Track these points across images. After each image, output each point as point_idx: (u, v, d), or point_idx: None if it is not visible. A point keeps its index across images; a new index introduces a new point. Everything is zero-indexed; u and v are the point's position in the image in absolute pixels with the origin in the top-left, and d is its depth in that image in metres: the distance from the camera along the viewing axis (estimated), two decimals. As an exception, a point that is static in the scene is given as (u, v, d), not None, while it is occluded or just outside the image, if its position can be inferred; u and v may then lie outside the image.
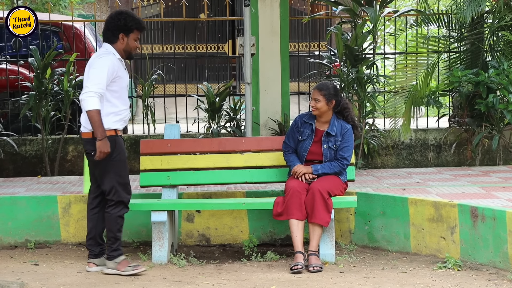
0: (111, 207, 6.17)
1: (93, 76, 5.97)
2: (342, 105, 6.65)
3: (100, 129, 5.92)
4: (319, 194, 6.28)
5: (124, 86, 6.16)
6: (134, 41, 6.21)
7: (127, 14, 6.20)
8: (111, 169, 6.09)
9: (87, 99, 5.90)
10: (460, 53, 9.43)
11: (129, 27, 6.14)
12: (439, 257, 6.46)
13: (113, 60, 6.05)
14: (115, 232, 6.19)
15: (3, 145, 9.11)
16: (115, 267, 6.16)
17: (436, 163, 9.53)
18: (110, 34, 6.17)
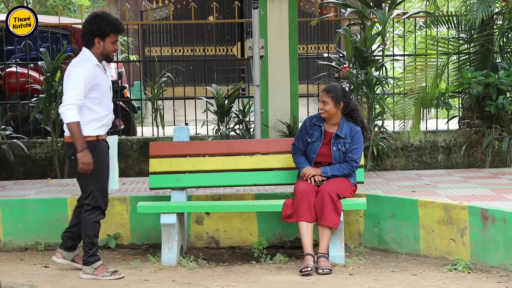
0: (88, 212, 6.15)
1: (70, 87, 5.97)
2: (351, 107, 6.64)
3: (80, 141, 5.94)
4: (328, 196, 6.27)
5: (104, 91, 6.13)
6: (111, 44, 6.14)
7: (101, 18, 6.11)
8: (90, 174, 6.07)
9: (65, 112, 5.92)
10: (469, 54, 9.41)
11: (103, 31, 6.08)
12: (449, 259, 6.44)
13: (89, 68, 6.01)
14: (92, 237, 6.16)
15: (13, 148, 9.14)
16: (92, 273, 6.15)
17: (446, 165, 9.51)
18: (86, 39, 6.15)
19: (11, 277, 6.19)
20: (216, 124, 9.20)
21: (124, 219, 7.27)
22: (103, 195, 6.17)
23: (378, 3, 8.56)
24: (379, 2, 8.55)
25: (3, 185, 8.33)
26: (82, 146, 5.94)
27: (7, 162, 9.07)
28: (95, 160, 6.05)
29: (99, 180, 6.11)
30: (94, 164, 6.03)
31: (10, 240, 7.23)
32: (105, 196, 6.20)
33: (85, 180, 6.10)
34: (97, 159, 6.06)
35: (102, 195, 6.16)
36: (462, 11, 9.15)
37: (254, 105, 8.21)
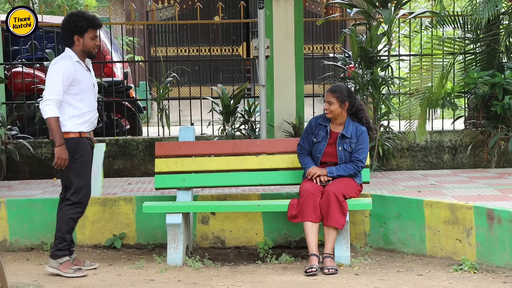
0: (67, 207, 6.20)
1: (49, 83, 6.06)
2: (357, 107, 6.63)
3: (58, 135, 6.02)
4: (334, 197, 6.27)
5: (85, 88, 6.17)
6: (91, 40, 6.20)
7: (77, 16, 6.21)
8: (72, 170, 6.14)
9: (44, 107, 6.01)
10: (475, 54, 9.39)
11: (80, 27, 6.15)
12: (455, 259, 6.43)
13: (67, 65, 6.09)
14: (64, 233, 6.20)
15: (19, 148, 9.16)
16: (57, 267, 6.19)
17: (451, 165, 9.50)
18: (66, 39, 6.23)
19: (17, 276, 6.20)
20: (221, 124, 9.20)
21: (129, 219, 7.27)
22: (85, 192, 6.22)
23: (384, 3, 8.55)
24: (385, 2, 8.54)
25: (9, 185, 8.35)
26: (60, 141, 6.03)
27: (13, 162, 9.09)
28: (78, 157, 6.12)
29: (81, 176, 6.17)
30: (76, 160, 6.11)
31: (16, 240, 7.24)
32: (87, 193, 6.25)
33: (67, 176, 6.17)
34: (79, 155, 6.14)
35: (84, 192, 6.21)
36: (468, 11, 9.14)
37: (260, 105, 8.22)
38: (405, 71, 13.38)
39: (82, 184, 6.18)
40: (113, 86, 9.96)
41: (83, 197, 6.22)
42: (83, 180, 6.20)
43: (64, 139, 6.07)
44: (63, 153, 6.03)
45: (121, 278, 6.17)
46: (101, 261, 6.75)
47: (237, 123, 9.20)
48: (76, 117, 6.12)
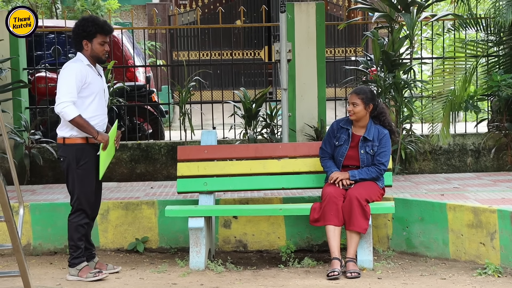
0: (72, 215, 6.23)
1: (62, 86, 6.04)
2: (379, 110, 6.61)
3: (90, 129, 6.04)
4: (357, 201, 6.25)
5: (95, 91, 6.16)
6: (99, 45, 6.19)
7: (86, 20, 6.21)
8: (75, 177, 6.14)
9: (64, 109, 5.99)
10: (499, 57, 9.33)
11: (88, 32, 6.15)
12: (479, 263, 6.39)
13: (79, 67, 6.10)
14: (76, 240, 6.21)
15: (43, 152, 9.21)
16: (77, 274, 6.20)
17: (475, 168, 9.43)
18: (75, 43, 6.24)
19: (41, 280, 6.24)
20: (243, 128, 9.21)
21: (152, 223, 7.30)
22: (88, 199, 6.21)
23: (406, 7, 8.51)
24: (407, 5, 8.51)
25: (33, 189, 8.41)
26: (95, 132, 6.04)
27: (36, 166, 9.14)
28: (82, 164, 6.11)
29: (84, 183, 6.16)
30: (80, 167, 6.11)
31: (39, 244, 7.29)
32: (90, 200, 6.23)
33: (71, 183, 6.18)
34: (84, 162, 6.13)
35: (87, 199, 6.20)
36: (491, 13, 9.08)
37: (282, 109, 8.21)
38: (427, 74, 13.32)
39: (83, 191, 6.17)
40: (135, 90, 9.99)
41: (86, 204, 6.20)
42: (85, 187, 6.17)
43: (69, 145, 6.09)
44: (104, 137, 6.07)
45: (144, 282, 6.19)
46: (123, 265, 6.78)
47: (259, 127, 9.20)
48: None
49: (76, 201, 6.19)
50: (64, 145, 6.15)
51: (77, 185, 6.16)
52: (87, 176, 6.17)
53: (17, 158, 8.84)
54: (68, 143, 6.13)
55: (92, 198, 6.26)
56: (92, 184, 6.23)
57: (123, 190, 8.18)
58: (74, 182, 6.17)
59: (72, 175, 6.15)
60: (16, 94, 9.18)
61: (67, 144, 6.13)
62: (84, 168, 6.14)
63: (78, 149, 6.11)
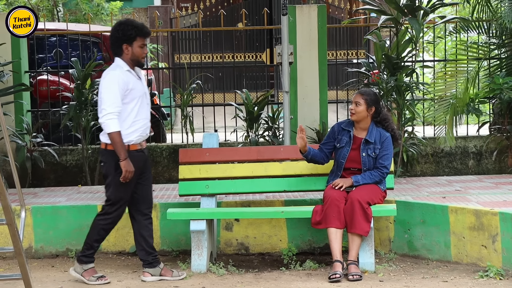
0: (100, 216, 6.24)
1: (105, 96, 6.00)
2: (382, 116, 6.60)
3: (122, 150, 6.00)
4: (358, 204, 6.24)
5: (137, 96, 6.13)
6: (139, 48, 6.16)
7: (125, 24, 6.18)
8: (113, 183, 6.13)
9: (107, 122, 5.98)
10: (501, 60, 9.33)
11: (129, 35, 6.12)
12: (481, 265, 6.38)
13: (119, 74, 6.06)
14: (93, 241, 6.24)
15: (45, 155, 9.22)
16: (81, 273, 6.21)
17: (476, 171, 9.43)
18: (114, 48, 6.20)
19: (43, 283, 6.24)
20: (245, 130, 9.21)
21: (154, 226, 7.24)
22: (121, 206, 6.21)
23: (412, 11, 8.49)
24: (413, 10, 8.49)
25: (35, 192, 8.41)
26: (125, 155, 6.00)
27: (38, 169, 9.15)
28: (121, 171, 6.06)
29: (121, 190, 6.14)
30: (118, 175, 6.08)
31: (41, 247, 7.29)
32: (123, 207, 6.23)
33: (108, 187, 6.17)
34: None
35: (120, 206, 6.20)
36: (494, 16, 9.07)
37: (283, 112, 8.22)
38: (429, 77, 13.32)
39: (120, 197, 6.17)
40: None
41: (118, 211, 6.21)
42: (122, 194, 6.17)
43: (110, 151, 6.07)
44: (129, 166, 6.01)
45: (145, 285, 6.19)
46: (125, 268, 6.78)
47: (260, 129, 9.20)
48: (126, 127, 6.07)
49: (110, 205, 6.19)
50: (106, 150, 6.13)
51: (113, 190, 6.15)
52: (124, 184, 6.13)
53: (19, 161, 8.85)
54: (110, 149, 6.10)
55: (124, 206, 6.23)
56: (128, 192, 6.20)
57: (125, 192, 8.17)
58: (110, 187, 6.16)
59: (110, 180, 6.14)
60: (18, 97, 9.19)
61: (108, 150, 6.11)
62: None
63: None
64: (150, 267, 6.31)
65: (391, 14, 8.64)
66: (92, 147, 9.40)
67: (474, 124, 10.20)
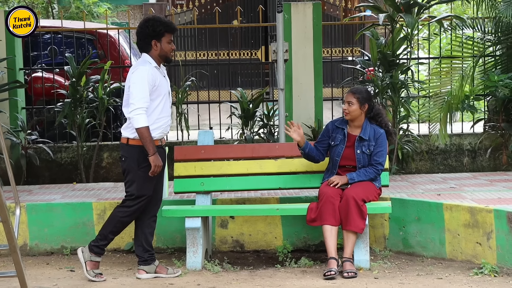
0: (120, 208, 6.23)
1: (135, 91, 6.00)
2: (375, 111, 6.62)
3: (151, 145, 6.01)
4: (353, 201, 6.25)
5: (163, 93, 6.15)
6: (167, 44, 6.19)
7: (154, 20, 6.20)
8: (135, 178, 6.13)
9: (136, 117, 5.97)
10: (496, 57, 9.34)
11: (158, 31, 6.14)
12: (475, 263, 6.39)
13: (149, 70, 6.06)
14: (108, 232, 6.24)
15: (39, 153, 9.20)
16: (86, 260, 6.21)
17: (471, 168, 9.44)
18: (143, 44, 6.20)
19: (38, 281, 6.24)
20: (240, 128, 9.21)
21: (149, 223, 7.28)
22: (143, 202, 6.18)
23: (407, 8, 8.50)
24: (408, 7, 8.50)
25: (29, 189, 8.40)
26: (154, 150, 6.01)
27: (33, 166, 9.14)
28: (144, 165, 6.07)
29: (144, 185, 6.14)
30: (142, 169, 6.08)
31: (36, 244, 7.28)
32: (140, 202, 6.18)
33: (130, 183, 6.16)
34: (145, 165, 6.08)
35: (142, 201, 6.18)
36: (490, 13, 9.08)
37: (279, 109, 8.21)
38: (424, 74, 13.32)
39: (143, 193, 6.15)
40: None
41: (138, 205, 6.18)
42: (145, 190, 6.15)
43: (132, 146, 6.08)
44: (158, 160, 6.02)
45: (140, 282, 6.18)
46: (120, 265, 6.78)
47: (256, 127, 9.20)
48: (150, 123, 6.04)
49: (131, 200, 6.17)
50: (128, 145, 6.13)
51: (136, 185, 6.14)
52: (147, 179, 6.13)
53: (14, 159, 8.83)
54: (131, 144, 6.11)
55: (146, 201, 6.21)
56: (150, 188, 6.19)
57: (120, 190, 8.15)
58: (133, 183, 6.14)
59: (132, 175, 6.13)
60: (13, 94, 9.17)
61: (130, 145, 6.12)
62: (145, 170, 6.09)
63: (141, 151, 6.07)
64: (145, 265, 6.30)
65: (387, 11, 8.64)
66: (87, 145, 9.39)
67: (469, 121, 10.20)
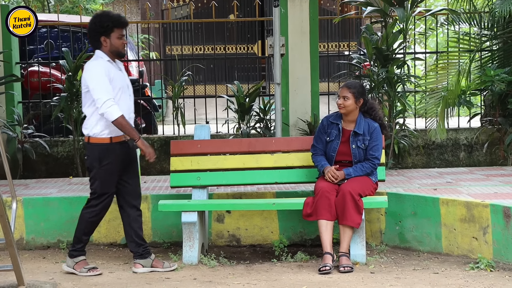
0: (87, 209, 6.22)
1: (96, 86, 5.95)
2: (369, 105, 6.62)
3: (132, 131, 6.00)
4: (350, 196, 6.25)
5: (118, 86, 6.08)
6: (117, 39, 6.12)
7: (102, 16, 6.15)
8: (97, 176, 6.12)
9: (108, 110, 5.91)
10: (492, 52, 9.34)
11: (106, 27, 6.07)
12: (471, 257, 6.40)
13: (101, 63, 6.03)
14: (81, 234, 6.23)
15: (36, 147, 9.20)
16: (72, 266, 6.22)
17: (467, 163, 9.45)
18: (93, 41, 6.17)
19: (34, 275, 6.23)
20: (237, 122, 9.21)
21: (145, 218, 7.28)
22: (107, 199, 6.20)
23: (400, 1, 8.50)
24: (401, 1, 8.49)
25: (26, 183, 8.39)
26: (137, 135, 6.02)
27: (29, 160, 9.13)
28: (105, 164, 6.07)
29: (106, 183, 6.14)
30: (103, 167, 6.07)
31: (32, 238, 7.28)
32: (109, 201, 6.22)
33: (93, 181, 6.16)
34: (107, 162, 6.08)
35: (106, 199, 6.20)
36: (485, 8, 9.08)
37: (275, 104, 8.21)
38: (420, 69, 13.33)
39: (105, 191, 6.16)
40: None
41: (104, 204, 6.20)
42: (107, 187, 6.16)
43: (93, 144, 6.07)
44: (144, 144, 6.03)
45: (137, 276, 6.18)
46: (116, 260, 6.78)
47: (252, 121, 9.20)
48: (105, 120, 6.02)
49: (95, 199, 6.18)
50: (89, 143, 6.12)
51: (99, 183, 6.13)
52: (109, 176, 6.13)
53: (10, 153, 8.83)
54: (92, 142, 6.10)
55: (110, 198, 6.22)
56: (113, 185, 6.19)
57: (116, 184, 8.17)
58: (95, 180, 6.14)
59: (94, 173, 6.13)
60: (9, 88, 9.16)
61: (91, 143, 6.11)
62: (107, 168, 6.09)
63: (102, 149, 6.06)
64: (141, 258, 6.30)
65: (378, 6, 8.64)
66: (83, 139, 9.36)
67: (465, 116, 10.22)
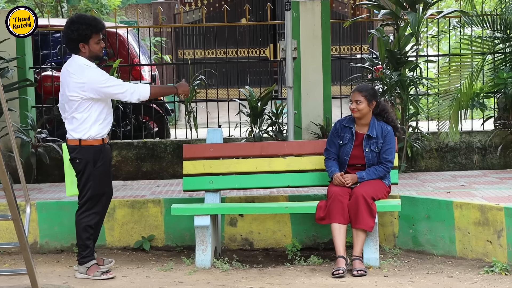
0: (83, 214, 6.21)
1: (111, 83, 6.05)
2: (381, 107, 6.61)
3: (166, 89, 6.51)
4: (363, 199, 6.24)
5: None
6: (96, 44, 6.15)
7: (79, 23, 6.11)
8: (91, 178, 6.13)
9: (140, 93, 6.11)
10: (505, 54, 9.30)
11: (84, 35, 6.09)
12: (486, 261, 6.37)
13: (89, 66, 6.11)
14: (84, 240, 6.22)
15: (49, 151, 9.22)
16: (85, 272, 6.21)
17: (481, 166, 9.41)
18: (71, 47, 6.18)
19: (48, 279, 6.25)
20: (249, 126, 9.21)
21: (158, 221, 7.30)
22: (104, 200, 6.24)
23: (412, 5, 8.48)
24: (413, 3, 8.48)
25: (39, 187, 8.42)
26: (172, 89, 6.32)
27: (43, 165, 9.15)
28: (99, 165, 6.12)
29: (101, 184, 6.17)
30: (98, 168, 6.11)
31: (46, 242, 7.30)
32: (106, 201, 6.26)
33: (85, 183, 6.15)
34: (101, 163, 6.13)
35: (103, 200, 6.22)
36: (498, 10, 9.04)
37: (287, 107, 8.20)
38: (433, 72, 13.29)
39: (101, 191, 6.19)
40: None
41: (100, 205, 6.22)
42: (102, 187, 6.19)
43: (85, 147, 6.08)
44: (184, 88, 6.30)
45: (150, 280, 6.19)
46: (130, 263, 6.79)
47: (264, 125, 9.20)
48: (100, 121, 6.10)
49: (89, 201, 6.18)
50: (81, 147, 6.11)
51: (93, 185, 6.14)
52: (103, 177, 6.18)
53: (24, 157, 8.86)
54: (84, 145, 6.10)
55: (109, 199, 6.32)
56: (107, 184, 6.25)
57: (129, 188, 8.19)
58: (89, 182, 6.14)
59: (88, 176, 6.13)
60: (23, 93, 9.19)
61: (83, 146, 6.10)
62: (101, 170, 6.14)
63: (96, 150, 6.10)
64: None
65: (390, 8, 8.63)
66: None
67: (478, 118, 10.17)
